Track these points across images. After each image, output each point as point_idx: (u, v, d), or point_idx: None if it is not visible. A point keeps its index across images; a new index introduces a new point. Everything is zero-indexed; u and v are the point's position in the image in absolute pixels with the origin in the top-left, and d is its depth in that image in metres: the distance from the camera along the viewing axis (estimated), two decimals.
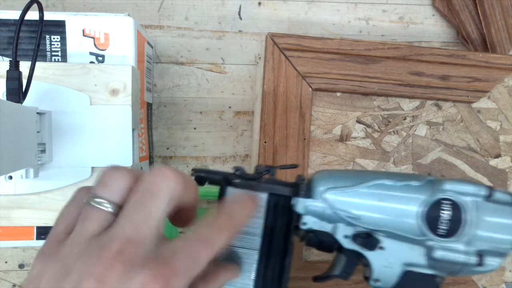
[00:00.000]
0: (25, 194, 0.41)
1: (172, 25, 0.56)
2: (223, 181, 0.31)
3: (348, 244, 0.31)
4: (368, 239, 0.30)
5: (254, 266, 0.30)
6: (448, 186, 0.30)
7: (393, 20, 0.58)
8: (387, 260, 0.30)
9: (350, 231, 0.30)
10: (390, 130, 0.51)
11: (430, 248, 0.30)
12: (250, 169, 0.56)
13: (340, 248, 0.31)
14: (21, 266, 0.55)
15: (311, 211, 0.30)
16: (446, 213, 0.29)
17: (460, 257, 0.29)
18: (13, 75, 0.37)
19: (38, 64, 0.38)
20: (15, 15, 0.43)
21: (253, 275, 0.30)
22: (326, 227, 0.31)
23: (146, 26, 0.55)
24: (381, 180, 0.30)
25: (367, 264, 0.31)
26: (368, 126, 0.51)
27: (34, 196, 0.41)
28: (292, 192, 0.31)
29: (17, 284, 0.55)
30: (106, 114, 0.42)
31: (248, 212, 0.26)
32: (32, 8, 0.36)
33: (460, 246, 0.29)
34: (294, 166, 0.34)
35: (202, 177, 0.31)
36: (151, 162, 0.53)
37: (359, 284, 0.51)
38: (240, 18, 0.57)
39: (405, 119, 0.51)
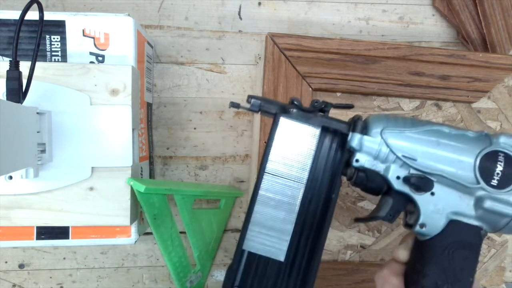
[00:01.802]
0: (25, 194, 0.41)
1: (172, 25, 0.56)
2: (280, 110, 0.30)
3: (399, 186, 0.30)
4: (422, 180, 0.30)
5: (298, 199, 0.30)
6: (503, 139, 0.30)
7: (393, 20, 0.58)
8: (436, 206, 0.30)
9: (403, 172, 0.30)
10: None
11: (480, 198, 0.30)
12: (250, 169, 0.57)
13: (387, 191, 0.31)
14: (21, 266, 0.55)
15: (367, 148, 0.30)
16: (500, 165, 0.30)
17: (510, 210, 0.30)
18: (13, 75, 0.37)
19: (38, 64, 0.39)
20: (15, 15, 0.43)
21: (296, 208, 0.30)
22: (378, 166, 0.30)
23: (146, 26, 0.55)
24: (439, 127, 0.30)
25: (412, 210, 0.31)
26: None
27: (34, 196, 0.41)
28: (349, 128, 0.30)
29: (17, 284, 0.55)
30: (106, 114, 0.42)
31: None
32: (32, 8, 0.36)
33: (511, 199, 0.30)
34: (350, 106, 0.34)
35: (257, 104, 0.30)
36: (151, 162, 0.53)
37: (359, 284, 0.51)
38: (240, 18, 0.57)
39: None
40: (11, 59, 0.37)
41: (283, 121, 0.30)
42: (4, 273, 0.55)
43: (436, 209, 0.30)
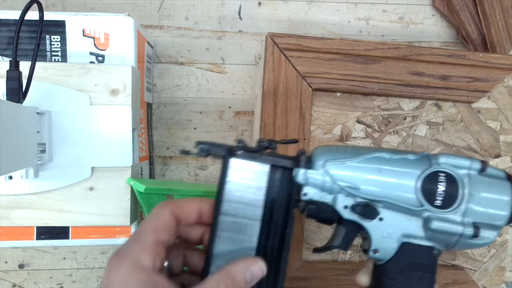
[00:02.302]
0: (25, 194, 0.41)
1: (172, 25, 0.56)
2: (227, 152, 0.31)
3: (347, 215, 0.31)
4: (367, 208, 0.31)
5: (255, 236, 0.30)
6: (443, 159, 0.31)
7: (393, 20, 0.58)
8: (386, 231, 0.31)
9: (349, 201, 0.31)
10: (390, 130, 0.51)
11: (427, 219, 0.31)
12: None
13: (339, 220, 0.32)
14: (21, 266, 0.55)
15: (312, 181, 0.31)
16: (442, 185, 0.30)
17: (457, 228, 0.30)
18: (13, 75, 0.37)
19: (38, 64, 0.39)
20: (15, 15, 0.43)
21: (254, 245, 0.30)
22: (326, 197, 0.31)
23: (146, 26, 0.55)
24: (379, 153, 0.31)
25: (366, 236, 0.32)
26: (368, 126, 0.51)
27: (34, 196, 0.41)
28: (293, 163, 0.31)
29: (17, 284, 0.55)
30: (106, 114, 0.42)
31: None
32: (32, 8, 0.36)
33: (457, 217, 0.30)
34: (294, 141, 0.35)
35: (205, 149, 0.31)
36: (151, 162, 0.53)
37: None
38: (240, 18, 0.57)
39: (405, 119, 0.51)
40: (11, 59, 0.37)
41: (233, 161, 0.31)
42: (4, 273, 0.55)
43: (386, 234, 0.31)
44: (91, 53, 0.44)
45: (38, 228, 0.43)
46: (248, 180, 0.31)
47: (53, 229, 0.43)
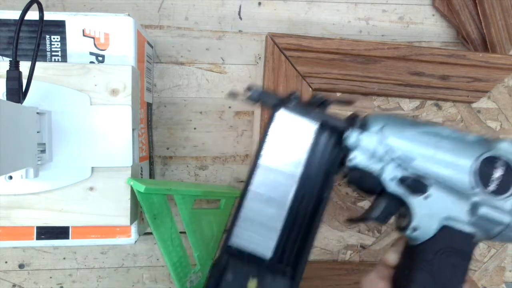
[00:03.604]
0: (25, 194, 0.41)
1: (172, 25, 0.56)
2: (278, 102, 0.29)
3: (393, 187, 0.30)
4: (417, 183, 0.29)
5: (290, 196, 0.29)
6: (505, 145, 0.30)
7: (393, 20, 0.58)
8: (430, 210, 0.30)
9: (398, 173, 0.30)
10: None
11: (475, 204, 0.29)
12: None
13: (381, 192, 0.31)
14: (21, 266, 0.55)
15: (363, 146, 0.29)
16: (499, 171, 0.29)
17: (504, 218, 0.29)
18: (13, 75, 0.37)
19: (38, 64, 0.39)
20: (15, 15, 0.43)
21: (287, 206, 0.29)
22: (373, 166, 0.30)
23: (146, 26, 0.55)
24: (438, 128, 0.30)
25: (405, 213, 0.31)
26: None
27: (34, 196, 0.41)
28: (347, 124, 0.29)
29: (17, 284, 0.55)
30: (106, 114, 0.41)
31: None
32: (32, 8, 0.36)
33: (506, 206, 0.29)
34: (350, 102, 0.33)
35: (256, 95, 0.29)
36: (151, 162, 0.53)
37: (359, 284, 0.51)
38: (240, 18, 0.57)
39: None
40: (11, 59, 0.37)
41: (281, 114, 0.29)
42: (4, 273, 0.55)
43: (430, 213, 0.30)
44: (91, 53, 0.44)
45: (38, 228, 0.43)
46: (293, 135, 0.29)
47: (53, 229, 0.43)
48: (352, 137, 0.29)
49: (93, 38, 0.44)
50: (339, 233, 0.52)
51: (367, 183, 0.30)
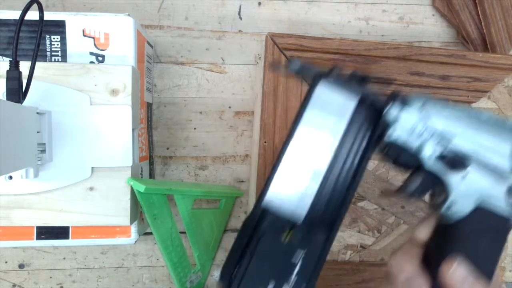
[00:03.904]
0: (25, 194, 0.41)
1: (172, 25, 0.56)
2: (318, 74, 0.29)
3: (431, 164, 0.30)
4: (456, 160, 0.29)
5: (324, 169, 0.29)
6: None
7: (393, 20, 0.58)
8: (467, 188, 0.29)
9: (437, 150, 0.30)
10: None
11: None
12: (250, 169, 0.56)
13: (418, 168, 0.31)
14: (21, 266, 0.55)
15: (403, 121, 0.29)
16: None
17: None
18: (13, 75, 0.37)
19: (38, 64, 0.39)
20: (15, 15, 0.43)
21: (323, 174, 0.29)
22: (412, 142, 0.30)
23: (146, 26, 0.55)
24: (477, 112, 0.30)
25: (441, 191, 0.31)
26: None
27: (34, 196, 0.41)
28: (388, 98, 0.29)
29: (17, 284, 0.55)
30: (106, 114, 0.42)
31: None
32: (32, 8, 0.36)
33: None
34: (390, 81, 0.33)
35: (297, 67, 0.29)
36: (151, 162, 0.53)
37: (359, 284, 0.51)
38: (240, 18, 0.57)
39: None
40: (11, 59, 0.37)
41: (321, 86, 0.29)
42: (4, 273, 0.55)
43: (466, 191, 0.30)
44: (91, 53, 0.44)
45: (38, 228, 0.43)
46: (332, 108, 0.29)
47: (53, 229, 0.43)
48: (393, 112, 0.30)
49: (93, 38, 0.44)
50: (339, 233, 0.52)
51: (404, 159, 0.30)
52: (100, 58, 0.44)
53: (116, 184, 0.42)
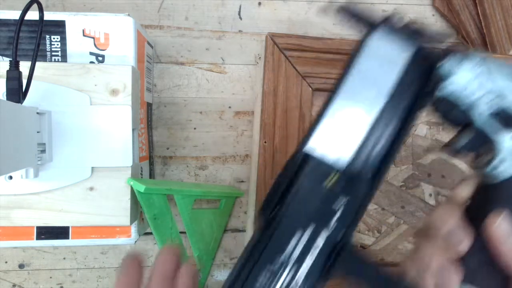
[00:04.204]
0: (25, 194, 0.41)
1: (172, 25, 0.56)
2: (372, 21, 0.29)
3: (482, 120, 0.29)
4: (510, 118, 0.29)
5: (367, 126, 0.29)
6: None
7: None
8: None
9: (490, 107, 0.29)
10: None
11: None
12: (250, 169, 0.56)
13: (467, 124, 0.30)
14: (21, 266, 0.55)
15: (459, 76, 0.29)
16: None
17: None
18: (13, 75, 0.37)
19: (38, 64, 0.39)
20: (15, 15, 0.43)
21: (369, 126, 0.29)
22: (465, 98, 0.29)
23: (146, 26, 0.55)
24: None
25: (489, 149, 0.30)
26: None
27: (34, 196, 0.41)
28: (446, 50, 0.29)
29: (17, 284, 0.55)
30: (106, 114, 0.42)
31: None
32: (32, 8, 0.36)
33: None
34: (447, 36, 0.33)
35: (350, 10, 0.30)
36: (151, 162, 0.53)
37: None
38: (240, 18, 0.57)
39: None
40: (11, 59, 0.37)
41: (376, 35, 0.29)
42: (4, 273, 0.55)
43: None
44: (91, 53, 0.44)
45: (38, 228, 0.43)
46: (385, 58, 0.29)
47: (53, 229, 0.43)
48: (450, 65, 0.29)
49: (93, 38, 0.44)
50: None
51: (455, 114, 0.30)
52: (100, 58, 0.44)
53: (116, 184, 0.42)
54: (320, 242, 0.26)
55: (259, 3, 0.57)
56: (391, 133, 0.29)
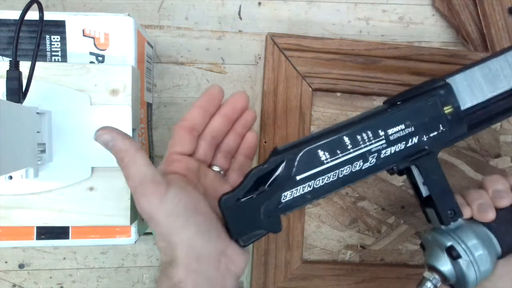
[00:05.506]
0: (25, 194, 0.41)
1: (172, 25, 0.56)
2: None
3: None
4: None
5: (495, 93, 0.37)
6: None
7: (393, 20, 0.58)
8: None
9: None
10: None
11: None
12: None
13: None
14: (21, 266, 0.55)
15: None
16: None
17: None
18: (13, 75, 0.37)
19: (38, 64, 0.39)
20: (15, 15, 0.43)
21: (501, 90, 0.37)
22: None
23: (146, 26, 0.55)
24: None
25: None
26: None
27: (34, 196, 0.41)
28: None
29: (17, 284, 0.55)
30: (106, 114, 0.42)
31: None
32: (32, 8, 0.36)
33: None
34: None
35: None
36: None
37: (359, 284, 0.51)
38: (240, 18, 0.57)
39: None
40: (11, 59, 0.37)
41: None
42: (4, 273, 0.55)
43: None
44: (91, 53, 0.44)
45: (38, 228, 0.43)
46: None
47: (53, 229, 0.43)
48: None
49: (93, 38, 0.44)
50: (339, 233, 0.52)
51: None
52: (100, 58, 0.44)
53: (116, 184, 0.42)
54: (414, 140, 0.35)
55: (259, 3, 0.57)
56: (503, 109, 0.37)
